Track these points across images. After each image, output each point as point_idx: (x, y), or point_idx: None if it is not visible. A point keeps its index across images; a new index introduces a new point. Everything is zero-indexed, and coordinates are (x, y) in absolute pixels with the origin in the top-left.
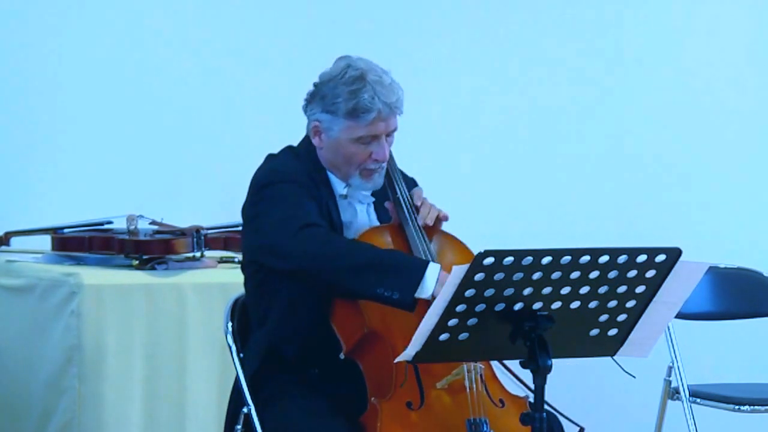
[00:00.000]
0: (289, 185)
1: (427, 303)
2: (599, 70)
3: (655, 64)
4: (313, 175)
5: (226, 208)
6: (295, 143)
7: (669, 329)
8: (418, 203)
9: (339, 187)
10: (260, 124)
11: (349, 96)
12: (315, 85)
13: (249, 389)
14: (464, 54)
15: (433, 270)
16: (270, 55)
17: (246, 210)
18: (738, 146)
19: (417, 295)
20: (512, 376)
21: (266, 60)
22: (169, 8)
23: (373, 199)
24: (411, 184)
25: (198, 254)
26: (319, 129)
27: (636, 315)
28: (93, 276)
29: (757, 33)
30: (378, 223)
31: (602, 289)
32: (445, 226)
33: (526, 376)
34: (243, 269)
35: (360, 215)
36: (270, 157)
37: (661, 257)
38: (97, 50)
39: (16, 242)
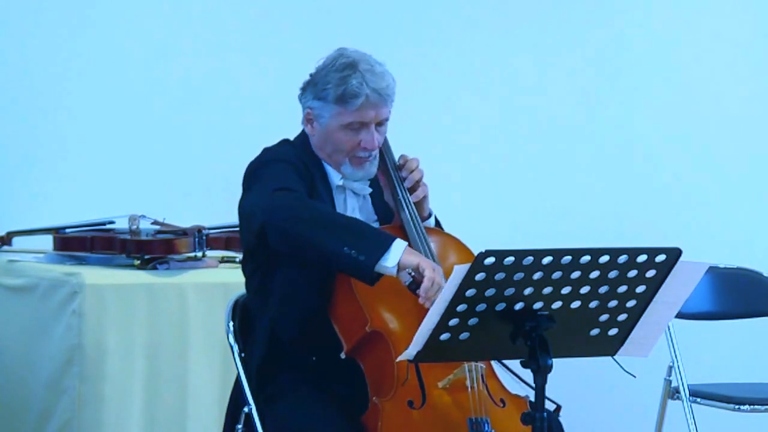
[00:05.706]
0: (278, 163)
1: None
2: (600, 71)
3: (655, 65)
4: (309, 165)
5: (227, 208)
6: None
7: (669, 329)
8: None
9: (335, 178)
10: (261, 125)
11: (338, 82)
12: (310, 75)
13: (250, 388)
14: (464, 55)
15: (399, 244)
16: (271, 56)
17: (240, 201)
18: (738, 146)
19: (381, 262)
20: (514, 376)
21: (268, 60)
22: (170, 9)
23: (370, 190)
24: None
25: (199, 254)
26: (311, 116)
27: (636, 315)
28: (94, 276)
29: (757, 34)
30: (375, 216)
31: (603, 289)
32: (446, 227)
33: (527, 375)
34: (243, 269)
35: (351, 212)
36: (265, 150)
37: (661, 257)
38: (100, 51)
39: (18, 242)
